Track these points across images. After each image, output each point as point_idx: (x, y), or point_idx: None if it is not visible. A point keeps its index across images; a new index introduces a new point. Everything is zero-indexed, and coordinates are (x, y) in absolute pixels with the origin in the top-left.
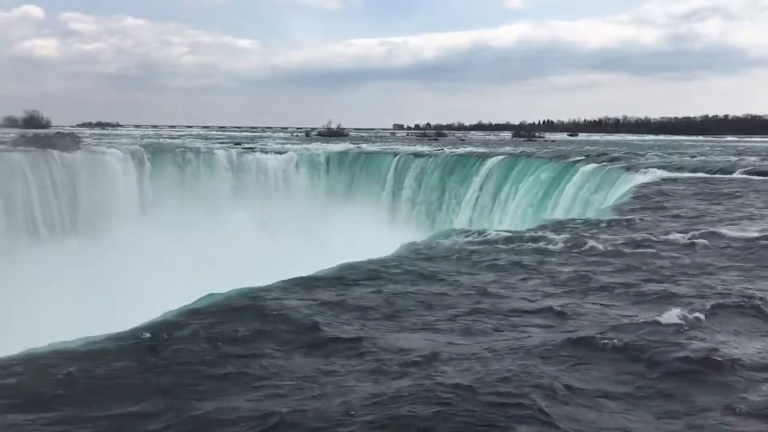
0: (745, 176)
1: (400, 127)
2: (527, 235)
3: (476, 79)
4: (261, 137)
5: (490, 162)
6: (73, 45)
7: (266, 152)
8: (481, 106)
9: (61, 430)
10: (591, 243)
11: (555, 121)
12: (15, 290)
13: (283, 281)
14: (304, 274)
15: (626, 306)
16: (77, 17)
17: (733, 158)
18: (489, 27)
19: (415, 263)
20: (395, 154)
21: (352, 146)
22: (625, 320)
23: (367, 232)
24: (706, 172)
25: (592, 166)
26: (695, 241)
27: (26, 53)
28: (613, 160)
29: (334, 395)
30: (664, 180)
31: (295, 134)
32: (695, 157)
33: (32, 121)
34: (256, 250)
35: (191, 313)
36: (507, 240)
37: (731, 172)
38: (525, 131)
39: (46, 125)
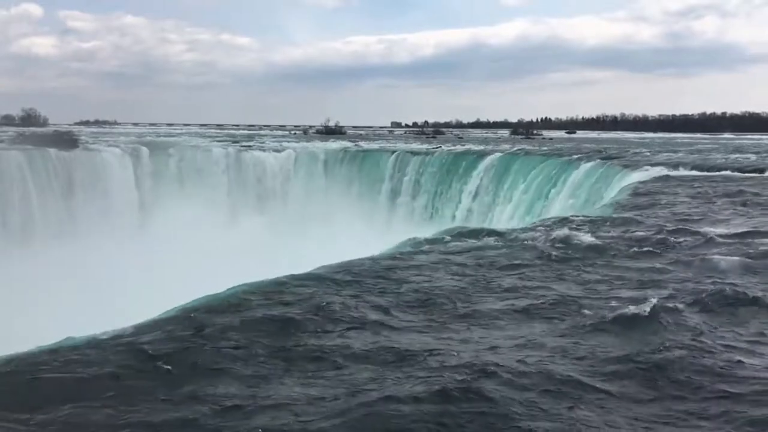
0: (740, 174)
1: (398, 125)
2: (525, 233)
3: (474, 77)
4: (259, 135)
5: (488, 160)
6: (72, 43)
7: (264, 150)
8: (479, 103)
9: (55, 428)
10: (589, 240)
11: (553, 118)
12: (11, 289)
13: (280, 279)
14: (302, 272)
15: (624, 302)
16: (76, 15)
17: (731, 156)
18: (487, 24)
19: (415, 261)
20: (393, 152)
21: (350, 144)
22: (622, 316)
23: (365, 229)
24: (704, 170)
25: (589, 163)
26: (691, 238)
27: (24, 51)
28: (610, 157)
29: (332, 395)
30: (662, 177)
31: (292, 132)
32: (692, 154)
33: (30, 119)
34: (255, 249)
35: (188, 312)
36: (505, 238)
37: (727, 170)
38: (523, 129)
39: (44, 123)
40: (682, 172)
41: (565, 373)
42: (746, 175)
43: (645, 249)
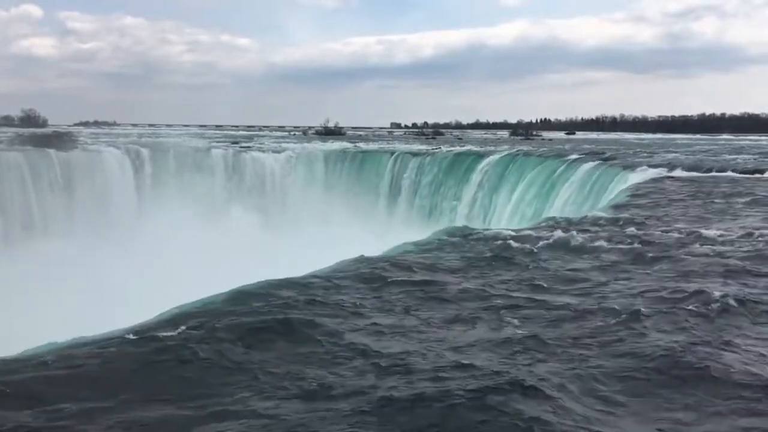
0: (738, 175)
1: (397, 125)
2: (522, 234)
3: (474, 78)
4: (258, 136)
5: (488, 160)
6: (71, 44)
7: (263, 151)
8: (478, 104)
9: (55, 429)
10: (589, 241)
11: (552, 119)
12: (11, 289)
13: (279, 281)
14: (302, 273)
15: (621, 303)
16: (75, 16)
17: (728, 157)
18: (486, 25)
19: (414, 260)
20: (393, 153)
21: (349, 145)
22: (618, 315)
23: (364, 230)
24: (701, 171)
25: (589, 164)
26: (689, 239)
27: (24, 52)
28: (609, 158)
29: (327, 397)
30: (660, 179)
31: (292, 133)
32: (691, 155)
33: (29, 120)
34: (254, 250)
35: (187, 314)
36: (501, 238)
37: (725, 171)
38: (522, 130)
39: (43, 124)
40: (681, 173)
41: (540, 376)
42: (746, 176)
43: (644, 248)
